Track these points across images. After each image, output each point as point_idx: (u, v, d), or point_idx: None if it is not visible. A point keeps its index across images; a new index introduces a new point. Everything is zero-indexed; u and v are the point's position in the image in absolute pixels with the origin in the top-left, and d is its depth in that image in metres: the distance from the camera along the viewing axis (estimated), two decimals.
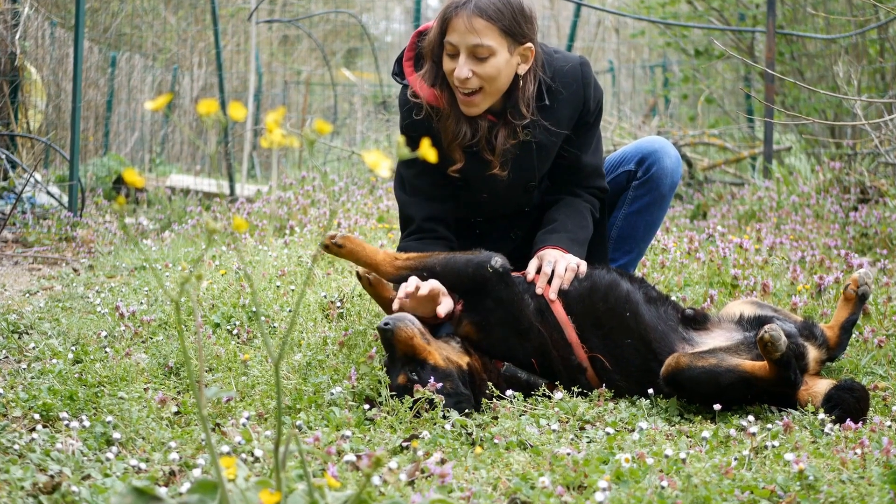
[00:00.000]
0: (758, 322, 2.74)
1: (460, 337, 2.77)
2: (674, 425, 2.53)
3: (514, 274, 2.82)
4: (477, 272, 2.73)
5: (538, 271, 2.85)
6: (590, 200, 3.09)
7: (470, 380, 2.64)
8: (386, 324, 2.58)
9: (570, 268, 2.81)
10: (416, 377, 2.56)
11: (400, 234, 3.15)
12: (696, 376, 2.52)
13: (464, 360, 2.68)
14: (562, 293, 2.79)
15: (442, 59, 2.86)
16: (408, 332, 2.59)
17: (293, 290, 3.69)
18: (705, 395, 2.55)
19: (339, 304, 3.47)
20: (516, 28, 2.80)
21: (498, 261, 2.75)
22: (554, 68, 2.95)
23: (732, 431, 2.37)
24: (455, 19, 2.79)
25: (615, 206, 3.25)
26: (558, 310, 2.76)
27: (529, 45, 2.83)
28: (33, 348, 3.17)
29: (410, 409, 2.51)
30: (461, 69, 2.79)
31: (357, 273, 2.92)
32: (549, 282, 2.80)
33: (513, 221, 3.17)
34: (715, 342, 2.71)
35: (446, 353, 2.66)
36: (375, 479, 1.98)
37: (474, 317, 2.76)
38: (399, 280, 2.79)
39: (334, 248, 2.80)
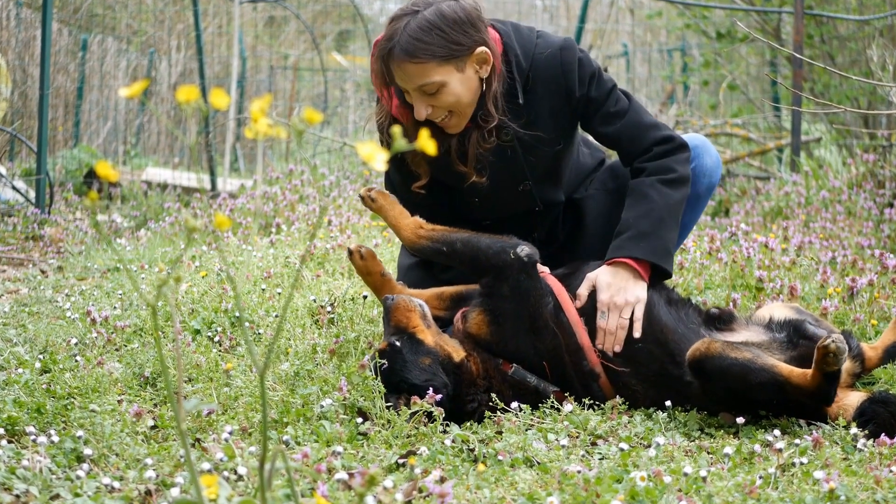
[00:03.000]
0: (788, 325, 2.75)
1: (470, 333, 2.80)
2: (693, 440, 2.53)
3: (548, 276, 2.86)
4: (498, 256, 2.78)
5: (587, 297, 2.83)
6: (655, 169, 2.96)
7: (456, 373, 2.68)
8: (393, 297, 2.77)
9: (620, 325, 2.76)
10: (398, 344, 2.66)
11: None
12: (727, 367, 2.52)
13: (458, 355, 2.72)
14: (576, 292, 2.82)
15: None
16: (408, 305, 2.75)
17: (280, 294, 3.69)
18: (730, 389, 2.56)
19: (329, 308, 3.47)
20: (455, 47, 2.78)
21: (525, 249, 2.78)
22: (532, 58, 2.95)
23: (757, 447, 2.37)
24: (390, 66, 2.81)
25: None
26: (571, 310, 2.78)
27: (480, 49, 2.81)
28: None
29: (408, 421, 2.52)
30: (418, 111, 2.82)
31: (349, 249, 3.01)
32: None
33: (529, 222, 3.17)
34: (744, 339, 2.72)
35: (441, 341, 2.73)
36: (369, 500, 1.98)
37: (489, 303, 2.79)
38: (416, 250, 2.87)
39: (368, 201, 2.93)
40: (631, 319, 2.78)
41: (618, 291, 2.79)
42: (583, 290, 2.84)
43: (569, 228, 3.24)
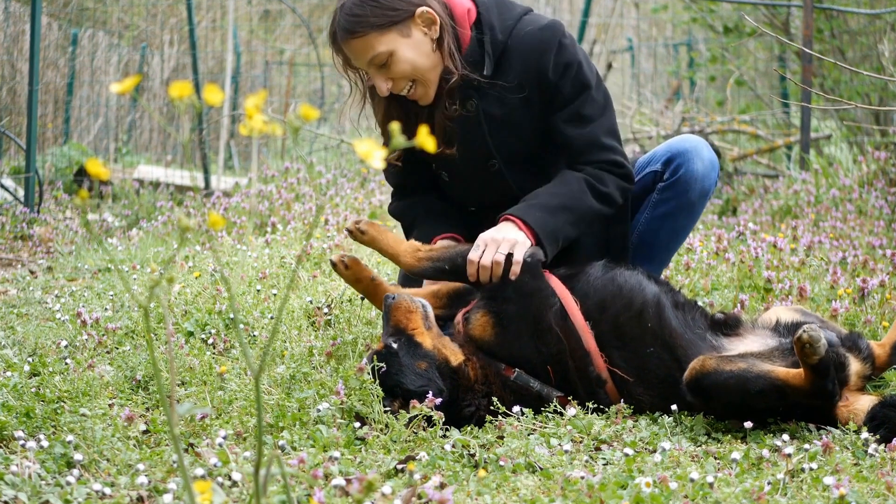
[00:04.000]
0: (795, 327, 2.75)
1: (472, 336, 2.81)
2: (700, 445, 2.53)
3: (551, 277, 2.87)
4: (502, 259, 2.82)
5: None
6: (590, 172, 3.02)
7: (452, 378, 2.69)
8: (394, 297, 2.78)
9: (495, 262, 2.80)
10: (395, 346, 2.67)
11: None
12: (723, 382, 2.53)
13: (456, 359, 2.73)
14: (580, 297, 2.81)
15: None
16: (409, 306, 2.75)
17: (275, 295, 3.69)
18: (732, 403, 2.56)
19: (326, 310, 3.47)
20: (392, 13, 2.87)
21: (528, 249, 2.82)
22: (511, 33, 3.00)
23: (765, 452, 2.37)
24: (341, 49, 2.95)
25: (639, 209, 3.26)
26: (576, 314, 2.78)
27: (421, 9, 2.89)
28: None
29: (406, 426, 2.52)
30: (379, 86, 2.94)
31: (331, 260, 3.04)
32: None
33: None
34: (746, 348, 2.72)
35: (440, 344, 2.74)
36: None
37: (492, 306, 2.81)
38: (418, 273, 2.93)
39: (357, 234, 2.96)
40: (509, 268, 2.81)
41: (498, 232, 2.86)
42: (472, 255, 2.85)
43: None
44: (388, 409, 2.61)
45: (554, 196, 2.96)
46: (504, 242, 2.82)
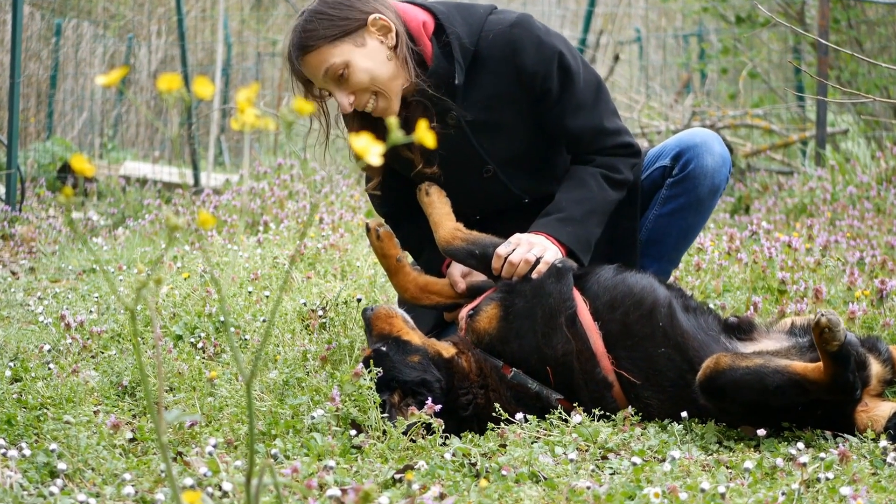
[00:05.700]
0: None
1: (475, 328, 2.86)
2: (711, 454, 2.53)
3: None
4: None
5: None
6: (602, 163, 3.08)
7: (447, 368, 2.75)
8: (372, 308, 2.87)
9: (525, 260, 2.89)
10: (384, 349, 2.73)
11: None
12: (739, 378, 2.53)
13: (448, 352, 2.79)
14: (590, 297, 2.82)
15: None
16: (389, 312, 2.84)
17: (268, 297, 3.69)
18: (749, 402, 2.55)
19: (320, 312, 3.47)
20: (343, 23, 2.89)
21: (560, 257, 2.91)
22: (479, 37, 3.00)
23: (779, 461, 2.37)
24: (300, 70, 2.96)
25: (648, 206, 3.27)
26: (585, 314, 2.79)
27: (373, 16, 2.90)
28: None
29: (405, 433, 2.52)
30: (341, 103, 2.95)
31: (367, 224, 3.15)
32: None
33: (523, 220, 3.18)
34: (762, 349, 2.72)
35: (429, 341, 2.81)
36: None
37: (506, 299, 2.87)
38: (448, 251, 3.03)
39: (423, 194, 3.11)
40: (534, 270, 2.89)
41: (534, 237, 2.95)
42: (501, 250, 2.94)
43: None
44: (385, 402, 2.65)
45: (577, 203, 3.03)
46: (537, 246, 2.92)
